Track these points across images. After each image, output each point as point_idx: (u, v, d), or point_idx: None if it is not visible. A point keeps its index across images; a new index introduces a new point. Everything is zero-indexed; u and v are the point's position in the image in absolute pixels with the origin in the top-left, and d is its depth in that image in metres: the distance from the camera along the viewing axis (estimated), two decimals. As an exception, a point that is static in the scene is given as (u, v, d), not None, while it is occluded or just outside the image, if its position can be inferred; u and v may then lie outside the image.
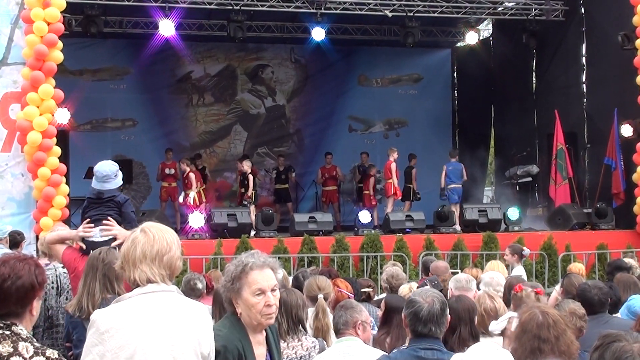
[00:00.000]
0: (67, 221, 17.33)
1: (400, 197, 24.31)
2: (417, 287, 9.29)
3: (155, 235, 4.66)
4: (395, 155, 23.98)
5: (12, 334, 4.17)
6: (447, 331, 6.41)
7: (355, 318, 6.60)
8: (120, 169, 21.77)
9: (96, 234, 8.06)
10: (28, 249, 15.46)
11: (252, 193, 22.85)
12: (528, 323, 5.57)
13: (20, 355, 4.11)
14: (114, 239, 7.99)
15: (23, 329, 4.23)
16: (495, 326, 7.02)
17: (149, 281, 4.57)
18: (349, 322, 6.62)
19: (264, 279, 4.92)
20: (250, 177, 22.88)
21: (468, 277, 8.96)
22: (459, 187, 24.09)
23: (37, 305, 4.34)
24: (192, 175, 23.26)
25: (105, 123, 27.56)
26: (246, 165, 23.09)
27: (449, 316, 5.90)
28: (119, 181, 8.55)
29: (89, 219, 8.22)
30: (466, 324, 6.77)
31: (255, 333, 5.07)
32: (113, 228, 7.99)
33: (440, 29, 28.15)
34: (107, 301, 6.24)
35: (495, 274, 10.39)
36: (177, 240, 4.75)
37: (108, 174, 8.44)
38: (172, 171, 24.60)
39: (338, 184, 26.14)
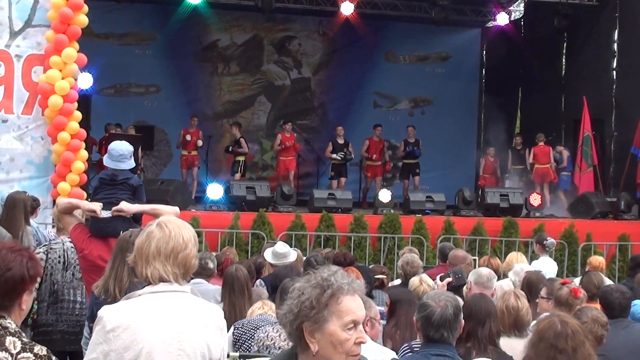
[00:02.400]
0: (85, 187, 17.26)
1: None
2: (440, 277, 9.15)
3: (172, 231, 4.48)
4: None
5: (0, 327, 3.98)
6: (477, 325, 6.26)
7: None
8: (142, 134, 21.74)
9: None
10: (44, 213, 15.43)
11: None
12: (545, 331, 5.38)
13: (6, 350, 3.92)
14: (121, 217, 7.75)
15: (12, 322, 4.03)
16: None
17: (161, 279, 4.42)
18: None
19: (358, 308, 3.82)
20: None
21: (490, 273, 8.77)
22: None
23: (27, 299, 4.14)
24: (242, 140, 23.51)
25: (129, 88, 27.43)
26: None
27: (462, 321, 5.73)
28: (132, 162, 8.30)
29: (101, 203, 7.99)
30: (494, 320, 6.62)
31: None
32: (123, 207, 7.76)
33: (471, 8, 27.77)
34: (135, 285, 6.05)
35: (525, 266, 10.35)
36: (194, 238, 4.57)
37: (124, 153, 8.16)
38: (193, 139, 24.24)
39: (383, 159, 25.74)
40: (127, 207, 7.73)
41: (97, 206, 7.76)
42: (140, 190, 8.28)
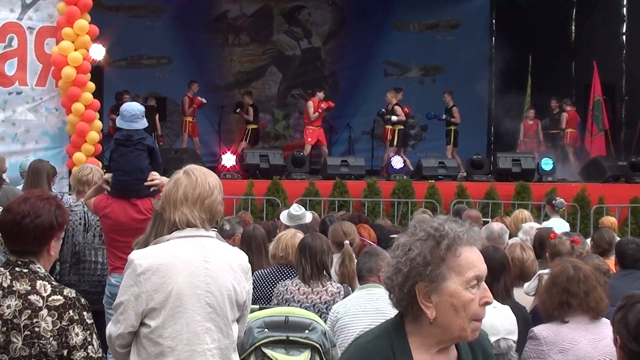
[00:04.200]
0: (100, 156, 17.40)
1: None
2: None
3: (198, 178, 4.64)
4: None
5: (30, 272, 4.16)
6: (493, 279, 6.33)
7: (379, 265, 6.50)
8: (155, 106, 21.62)
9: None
10: (61, 183, 15.60)
11: None
12: (559, 276, 5.52)
13: (37, 293, 4.10)
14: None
15: (41, 267, 4.22)
16: (528, 287, 6.93)
17: (189, 224, 4.58)
18: (373, 269, 6.56)
19: (479, 261, 3.17)
20: None
21: (502, 228, 8.90)
22: None
23: (55, 246, 4.31)
24: (250, 109, 23.85)
25: (141, 60, 27.49)
26: None
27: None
28: (145, 122, 8.42)
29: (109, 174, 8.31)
30: (509, 273, 6.71)
31: (435, 353, 3.18)
32: (157, 181, 7.97)
33: (481, -25, 27.78)
34: None
35: (535, 224, 10.38)
36: (219, 185, 4.74)
37: (136, 113, 8.28)
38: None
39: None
40: (159, 178, 7.97)
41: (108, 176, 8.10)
42: (157, 149, 8.43)
